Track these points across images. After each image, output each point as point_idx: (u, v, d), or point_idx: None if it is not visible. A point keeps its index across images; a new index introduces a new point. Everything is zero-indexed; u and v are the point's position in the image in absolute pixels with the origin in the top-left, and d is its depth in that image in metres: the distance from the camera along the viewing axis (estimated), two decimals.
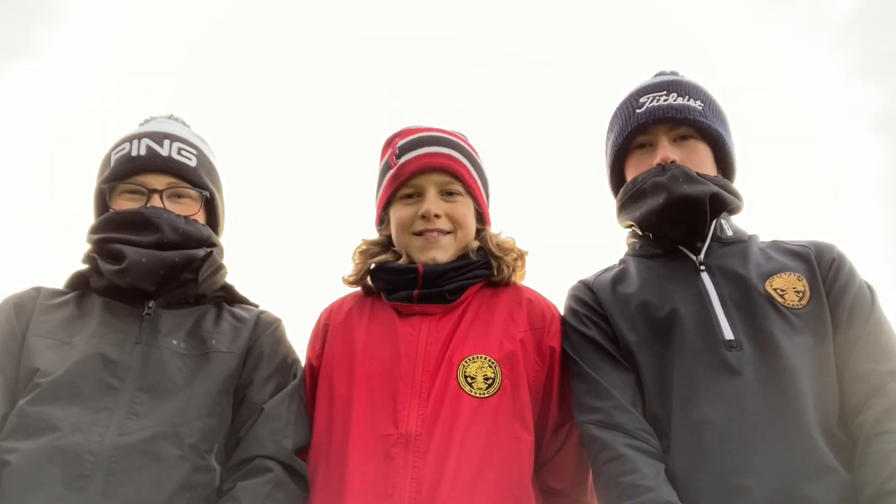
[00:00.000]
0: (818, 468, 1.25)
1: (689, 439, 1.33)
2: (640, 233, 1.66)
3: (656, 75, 1.75)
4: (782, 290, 1.44)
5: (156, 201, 1.51)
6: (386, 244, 1.68)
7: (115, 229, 1.48)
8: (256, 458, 1.40)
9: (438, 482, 1.32)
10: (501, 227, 1.74)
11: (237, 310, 1.62)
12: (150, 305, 1.48)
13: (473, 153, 1.69)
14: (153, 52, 3.88)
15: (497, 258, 1.62)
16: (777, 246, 1.58)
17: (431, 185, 1.58)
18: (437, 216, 1.56)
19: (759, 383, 1.33)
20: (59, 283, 1.57)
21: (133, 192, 1.53)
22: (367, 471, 1.36)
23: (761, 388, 1.33)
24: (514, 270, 1.64)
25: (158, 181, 1.53)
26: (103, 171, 1.58)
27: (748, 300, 1.44)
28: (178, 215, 1.52)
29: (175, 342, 1.45)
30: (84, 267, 1.56)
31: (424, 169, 1.58)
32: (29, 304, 1.46)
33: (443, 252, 1.57)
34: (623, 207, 1.65)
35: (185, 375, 1.42)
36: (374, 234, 1.76)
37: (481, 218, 1.68)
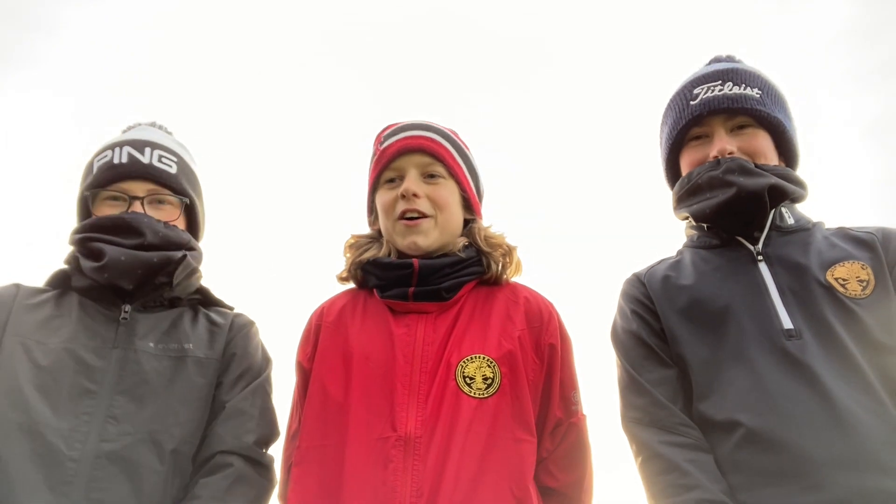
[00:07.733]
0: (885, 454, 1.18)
1: (756, 430, 1.27)
2: (695, 224, 1.62)
3: (711, 62, 1.69)
4: (844, 280, 1.38)
5: (137, 208, 1.53)
6: (376, 237, 1.64)
7: (97, 232, 1.50)
8: (217, 454, 1.42)
9: (439, 486, 1.28)
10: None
11: (213, 314, 1.62)
12: (127, 310, 1.48)
13: (461, 143, 1.65)
14: (151, 60, 3.93)
15: (486, 254, 1.57)
16: (842, 233, 1.51)
17: (412, 166, 1.55)
18: (415, 195, 1.52)
19: (821, 373, 1.27)
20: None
21: (115, 198, 1.55)
22: (365, 476, 1.32)
23: (824, 378, 1.26)
24: (503, 267, 1.59)
25: (139, 188, 1.55)
26: (86, 178, 1.59)
27: (807, 290, 1.38)
28: (158, 220, 1.54)
29: (151, 345, 1.46)
30: (66, 266, 1.56)
31: (403, 150, 1.55)
32: (7, 301, 1.45)
33: (423, 237, 1.52)
34: (679, 201, 1.62)
35: (163, 379, 1.43)
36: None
37: (469, 207, 1.63)
